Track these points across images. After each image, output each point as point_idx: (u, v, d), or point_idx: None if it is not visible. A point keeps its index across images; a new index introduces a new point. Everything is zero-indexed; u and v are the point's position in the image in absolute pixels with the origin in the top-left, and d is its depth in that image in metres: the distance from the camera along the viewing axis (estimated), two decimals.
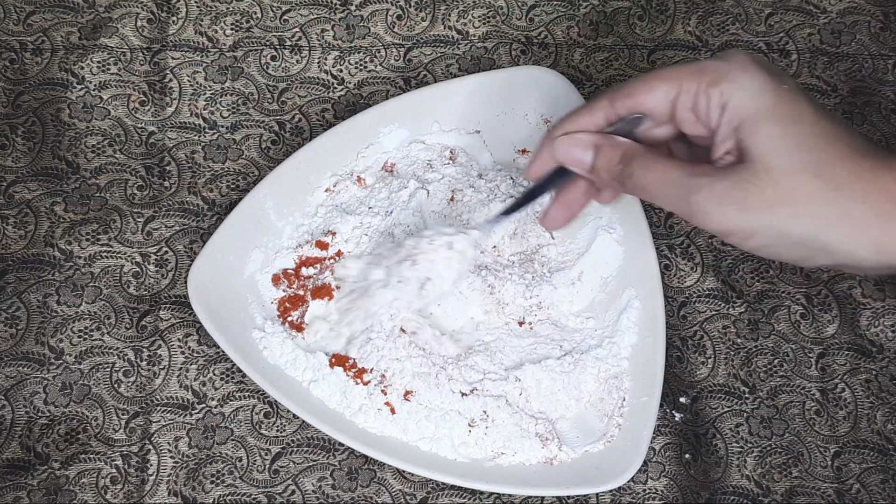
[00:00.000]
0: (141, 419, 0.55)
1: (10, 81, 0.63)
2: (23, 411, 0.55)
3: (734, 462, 0.55)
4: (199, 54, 0.65)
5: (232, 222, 0.56)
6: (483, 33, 0.66)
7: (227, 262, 0.56)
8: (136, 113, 0.63)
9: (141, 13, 0.66)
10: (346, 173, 0.59)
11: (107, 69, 0.64)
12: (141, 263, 0.59)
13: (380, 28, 0.66)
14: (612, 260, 0.58)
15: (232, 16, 0.66)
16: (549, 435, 0.53)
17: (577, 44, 0.65)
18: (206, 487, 0.54)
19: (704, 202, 0.40)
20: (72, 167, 0.61)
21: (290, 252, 0.57)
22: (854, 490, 0.54)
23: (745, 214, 0.39)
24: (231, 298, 0.55)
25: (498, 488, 0.51)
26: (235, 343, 0.53)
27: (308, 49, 0.65)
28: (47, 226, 0.60)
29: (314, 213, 0.59)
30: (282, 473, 0.54)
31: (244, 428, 0.55)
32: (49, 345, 0.57)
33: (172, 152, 0.62)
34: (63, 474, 0.54)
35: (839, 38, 0.66)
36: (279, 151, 0.62)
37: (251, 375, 0.52)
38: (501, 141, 0.61)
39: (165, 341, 0.57)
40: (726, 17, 0.66)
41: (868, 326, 0.57)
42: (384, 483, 0.54)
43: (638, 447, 0.51)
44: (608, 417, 0.54)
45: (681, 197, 0.40)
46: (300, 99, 0.64)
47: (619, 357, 0.55)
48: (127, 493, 0.54)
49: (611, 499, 0.54)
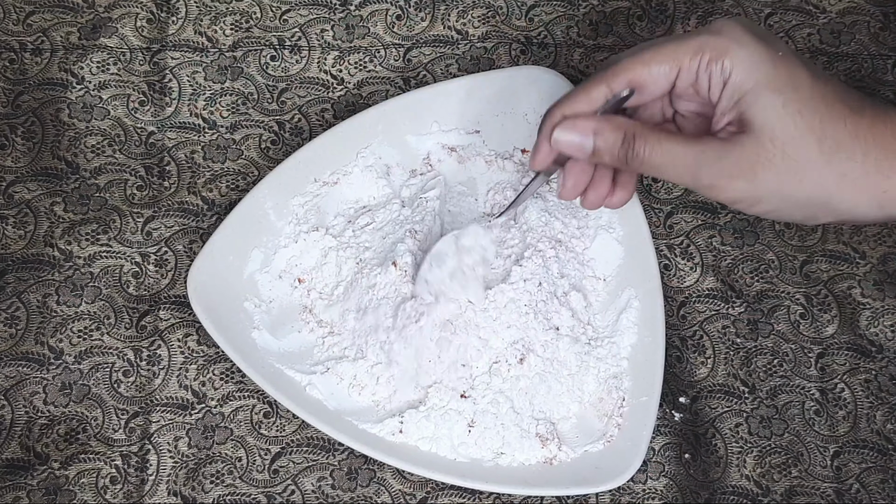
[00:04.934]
0: (140, 419, 0.55)
1: (10, 81, 0.63)
2: (22, 411, 0.55)
3: (734, 462, 0.55)
4: (199, 54, 0.65)
5: (231, 222, 0.56)
6: (483, 33, 0.66)
7: (226, 262, 0.56)
8: (136, 113, 0.63)
9: (140, 13, 0.65)
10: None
11: (106, 69, 0.64)
12: (140, 263, 0.59)
13: (379, 28, 0.66)
14: (612, 259, 0.58)
15: (231, 16, 0.66)
16: (549, 435, 0.53)
17: (576, 44, 0.66)
18: (206, 487, 0.54)
19: (714, 177, 0.41)
20: (71, 167, 0.61)
21: (291, 242, 0.58)
22: (854, 490, 0.54)
23: (754, 184, 0.40)
24: (231, 298, 0.55)
25: (498, 488, 0.51)
26: (235, 343, 0.53)
27: (308, 49, 0.65)
28: (47, 226, 0.60)
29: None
30: (281, 473, 0.54)
31: (244, 428, 0.55)
32: (49, 345, 0.57)
33: (172, 152, 0.62)
34: (63, 474, 0.54)
35: (839, 38, 0.66)
36: (279, 151, 0.62)
37: (251, 375, 0.52)
38: (501, 141, 0.61)
39: (165, 341, 0.57)
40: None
41: (868, 326, 0.57)
42: (384, 483, 0.54)
43: (637, 447, 0.51)
44: (608, 417, 0.54)
45: (689, 173, 0.41)
46: (300, 99, 0.64)
47: (619, 357, 0.55)
48: (126, 493, 0.54)
49: (610, 499, 0.54)
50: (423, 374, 0.53)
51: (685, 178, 0.42)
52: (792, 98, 0.40)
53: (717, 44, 0.41)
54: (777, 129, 0.40)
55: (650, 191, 0.62)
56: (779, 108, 0.40)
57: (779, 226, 0.60)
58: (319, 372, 0.54)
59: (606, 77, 0.44)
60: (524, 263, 0.55)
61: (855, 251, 0.60)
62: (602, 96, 0.44)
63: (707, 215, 0.61)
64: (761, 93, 0.40)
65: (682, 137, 0.42)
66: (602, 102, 0.45)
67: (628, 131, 0.43)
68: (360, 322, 0.55)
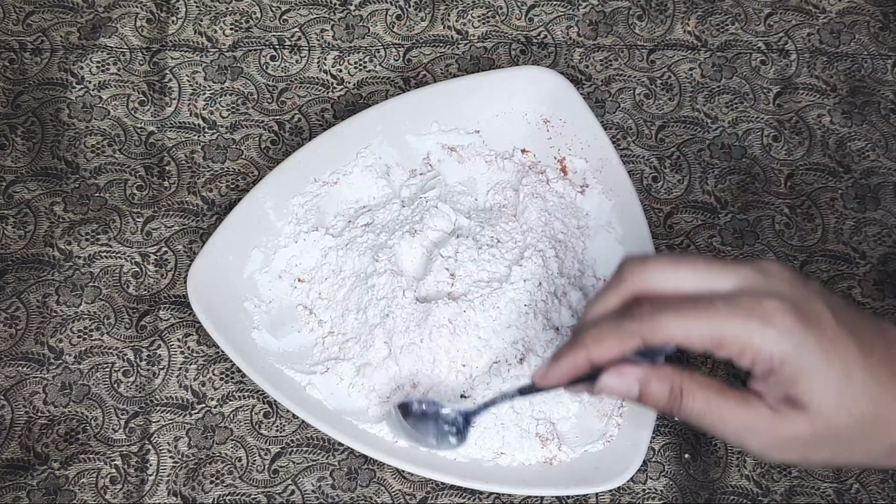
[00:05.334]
0: (140, 419, 0.55)
1: (10, 81, 0.63)
2: (22, 411, 0.55)
3: (734, 462, 0.55)
4: (199, 54, 0.65)
5: (231, 222, 0.56)
6: (482, 33, 0.66)
7: (226, 261, 0.56)
8: (136, 113, 0.63)
9: (140, 13, 0.65)
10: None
11: (106, 69, 0.64)
12: (140, 263, 0.59)
13: (379, 28, 0.66)
14: (612, 259, 0.58)
15: (231, 16, 0.66)
16: (549, 435, 0.53)
17: (576, 44, 0.66)
18: (206, 487, 0.54)
19: (764, 448, 0.41)
20: (71, 167, 0.61)
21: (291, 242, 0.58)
22: (853, 490, 0.54)
23: (805, 459, 0.41)
24: (230, 298, 0.55)
25: (498, 488, 0.51)
26: (235, 343, 0.53)
27: (307, 49, 0.65)
28: (47, 226, 0.60)
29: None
30: (281, 473, 0.54)
31: (244, 428, 0.55)
32: (49, 345, 0.57)
33: (172, 152, 0.62)
34: (62, 474, 0.54)
35: (838, 37, 0.66)
36: (279, 151, 0.62)
37: (251, 375, 0.52)
38: (501, 141, 0.61)
39: (165, 341, 0.57)
40: (725, 17, 0.66)
41: None
42: (384, 483, 0.54)
43: (637, 447, 0.51)
44: (608, 417, 0.54)
45: (737, 437, 0.41)
46: (299, 99, 0.64)
47: None
48: (126, 493, 0.54)
49: (610, 499, 0.54)
50: (424, 374, 0.53)
51: (732, 439, 0.41)
52: (844, 384, 0.39)
53: (759, 332, 0.39)
54: (832, 418, 0.39)
55: (650, 191, 0.62)
56: (833, 395, 0.39)
57: (779, 226, 0.60)
58: (319, 372, 0.54)
59: (643, 327, 0.40)
60: (524, 263, 0.55)
61: (855, 251, 0.60)
62: (635, 344, 0.41)
63: (707, 215, 0.61)
64: (812, 377, 0.39)
65: (732, 398, 0.41)
66: (635, 346, 0.41)
67: (675, 385, 0.41)
68: (360, 322, 0.55)
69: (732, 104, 0.64)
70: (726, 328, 0.39)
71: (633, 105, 0.64)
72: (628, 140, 0.63)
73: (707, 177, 0.62)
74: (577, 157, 0.60)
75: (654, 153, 0.63)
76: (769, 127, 0.63)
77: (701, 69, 0.65)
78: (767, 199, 0.61)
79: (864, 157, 0.62)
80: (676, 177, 0.62)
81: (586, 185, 0.59)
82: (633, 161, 0.62)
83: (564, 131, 0.60)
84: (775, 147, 0.63)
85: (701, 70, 0.65)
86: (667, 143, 0.63)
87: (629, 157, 0.62)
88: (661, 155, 0.63)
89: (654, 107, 0.64)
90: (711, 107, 0.64)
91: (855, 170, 0.62)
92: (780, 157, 0.62)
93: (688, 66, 0.65)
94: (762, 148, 0.63)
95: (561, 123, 0.60)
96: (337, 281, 0.57)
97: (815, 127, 0.63)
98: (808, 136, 0.63)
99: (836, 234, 0.60)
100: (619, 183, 0.58)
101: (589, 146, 0.59)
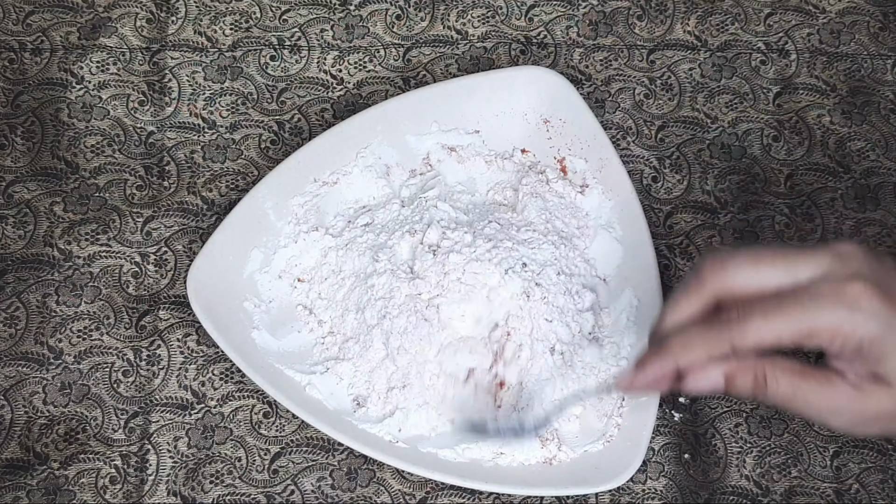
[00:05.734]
0: (140, 419, 0.55)
1: (10, 81, 0.63)
2: (22, 411, 0.55)
3: (733, 462, 0.55)
4: (199, 54, 0.65)
5: (231, 222, 0.56)
6: (482, 33, 0.66)
7: (226, 262, 0.56)
8: (136, 113, 0.63)
9: (140, 13, 0.65)
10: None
11: (106, 69, 0.64)
12: (140, 263, 0.59)
13: (379, 28, 0.66)
14: (612, 259, 0.58)
15: (231, 16, 0.66)
16: (549, 435, 0.53)
17: (576, 44, 0.66)
18: (206, 487, 0.54)
19: (848, 425, 0.41)
20: (71, 167, 0.61)
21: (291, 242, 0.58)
22: (853, 490, 0.54)
23: (887, 432, 0.42)
24: (230, 298, 0.55)
25: (497, 488, 0.51)
26: (234, 343, 0.53)
27: (307, 49, 0.65)
28: (46, 226, 0.60)
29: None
30: (281, 473, 0.54)
31: (243, 428, 0.55)
32: (48, 345, 0.57)
33: (172, 152, 0.62)
34: (62, 474, 0.54)
35: (838, 38, 0.66)
36: (278, 151, 0.62)
37: (250, 375, 0.52)
38: (501, 141, 0.61)
39: (164, 341, 0.57)
40: (725, 17, 0.66)
41: None
42: (383, 483, 0.54)
43: (637, 447, 0.51)
44: (607, 417, 0.53)
45: (820, 416, 0.42)
46: (299, 99, 0.64)
47: (619, 357, 0.55)
48: (126, 493, 0.54)
49: (610, 499, 0.54)
50: (424, 373, 0.53)
51: (815, 418, 0.42)
52: None
53: (849, 321, 0.39)
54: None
55: (650, 191, 0.62)
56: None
57: (778, 226, 0.60)
58: (319, 372, 0.54)
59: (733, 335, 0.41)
60: (528, 261, 0.55)
61: None
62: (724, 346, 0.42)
63: (707, 215, 0.61)
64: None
65: (815, 379, 0.41)
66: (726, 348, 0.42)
67: (758, 374, 0.41)
68: (359, 322, 0.55)
69: (732, 104, 0.64)
70: (815, 321, 0.39)
71: (633, 105, 0.64)
72: (628, 140, 0.63)
73: (707, 177, 0.62)
74: (576, 157, 0.60)
75: (654, 153, 0.63)
76: (769, 127, 0.63)
77: (701, 69, 0.65)
78: (767, 199, 0.61)
79: (864, 157, 0.62)
80: (676, 177, 0.62)
81: (586, 185, 0.59)
82: (632, 161, 0.62)
83: (564, 131, 0.60)
84: (775, 147, 0.63)
85: (701, 70, 0.65)
86: (667, 143, 0.63)
87: (629, 157, 0.62)
88: (661, 155, 0.63)
89: (654, 107, 0.64)
90: (711, 107, 0.64)
91: (855, 170, 0.62)
92: (780, 157, 0.62)
93: (688, 66, 0.65)
94: (762, 148, 0.63)
95: (561, 123, 0.60)
96: (337, 281, 0.57)
97: (814, 127, 0.63)
98: (808, 136, 0.63)
99: (836, 235, 0.60)
100: (618, 183, 0.58)
101: (589, 146, 0.59)
